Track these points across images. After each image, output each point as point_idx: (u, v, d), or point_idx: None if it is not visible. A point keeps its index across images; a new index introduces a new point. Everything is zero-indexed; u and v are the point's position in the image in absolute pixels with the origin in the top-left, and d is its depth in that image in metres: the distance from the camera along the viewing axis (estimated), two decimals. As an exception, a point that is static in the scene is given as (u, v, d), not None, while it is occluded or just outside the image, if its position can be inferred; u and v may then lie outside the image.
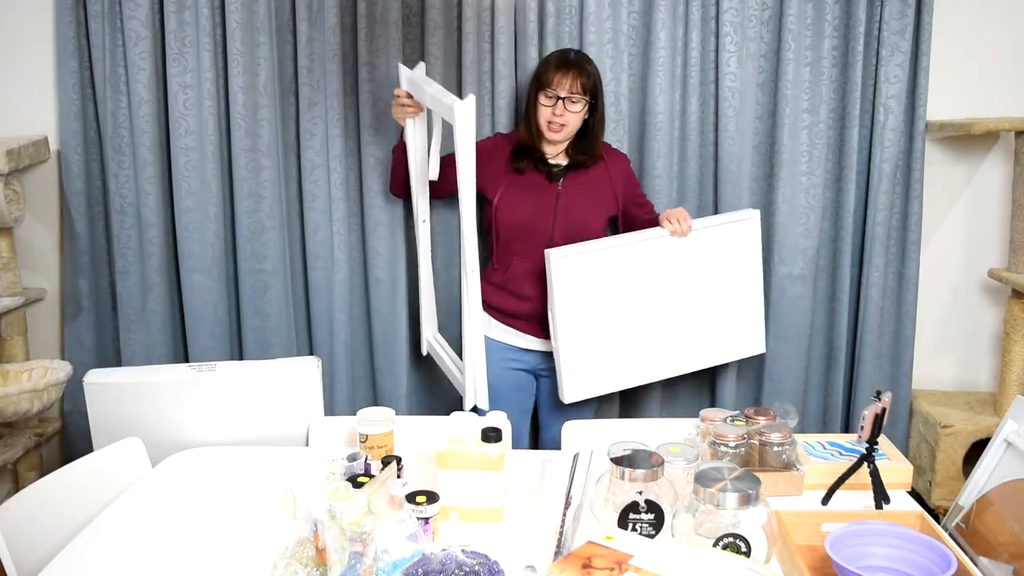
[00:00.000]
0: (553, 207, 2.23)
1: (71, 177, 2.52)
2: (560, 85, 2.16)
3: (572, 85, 2.16)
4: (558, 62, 2.19)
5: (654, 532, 1.37)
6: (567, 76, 2.16)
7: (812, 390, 2.65)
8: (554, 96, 2.16)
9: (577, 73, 2.17)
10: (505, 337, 2.32)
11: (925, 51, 2.44)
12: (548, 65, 2.20)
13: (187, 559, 1.40)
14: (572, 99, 2.17)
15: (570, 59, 2.20)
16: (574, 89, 2.16)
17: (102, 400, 1.87)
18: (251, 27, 2.40)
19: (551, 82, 2.16)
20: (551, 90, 2.16)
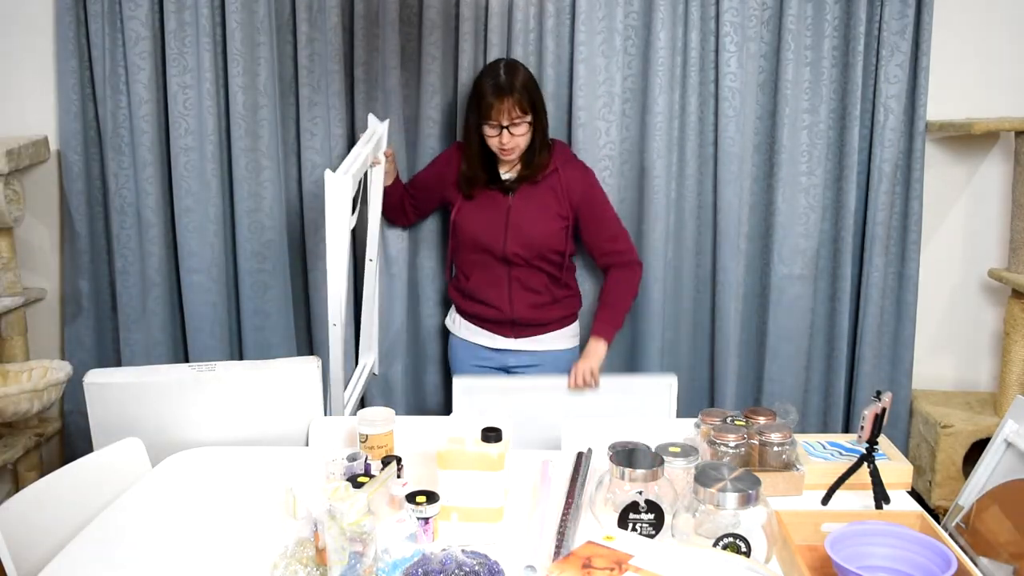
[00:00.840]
0: (504, 221, 2.25)
1: (71, 177, 2.52)
2: (500, 113, 2.13)
3: (512, 111, 2.13)
4: (493, 89, 2.13)
5: (654, 532, 1.37)
6: (504, 103, 2.12)
7: (812, 390, 2.65)
8: (498, 126, 2.14)
9: (515, 99, 2.13)
10: (475, 337, 2.38)
11: (925, 51, 2.44)
12: (484, 94, 2.15)
13: (187, 559, 1.40)
14: (515, 124, 2.15)
15: (502, 84, 2.13)
16: (514, 115, 2.13)
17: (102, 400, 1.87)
18: (251, 27, 2.40)
19: (490, 113, 2.13)
20: (493, 121, 2.14)
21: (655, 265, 2.51)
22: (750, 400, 2.67)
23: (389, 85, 2.45)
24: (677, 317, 2.62)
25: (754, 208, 2.58)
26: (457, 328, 2.43)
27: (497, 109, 2.13)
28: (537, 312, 2.31)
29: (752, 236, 2.59)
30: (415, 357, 2.64)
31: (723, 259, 2.54)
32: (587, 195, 2.30)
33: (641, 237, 2.52)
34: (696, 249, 2.59)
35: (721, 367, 2.60)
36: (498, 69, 2.18)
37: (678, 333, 2.64)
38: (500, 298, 2.31)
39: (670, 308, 2.60)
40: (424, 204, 2.45)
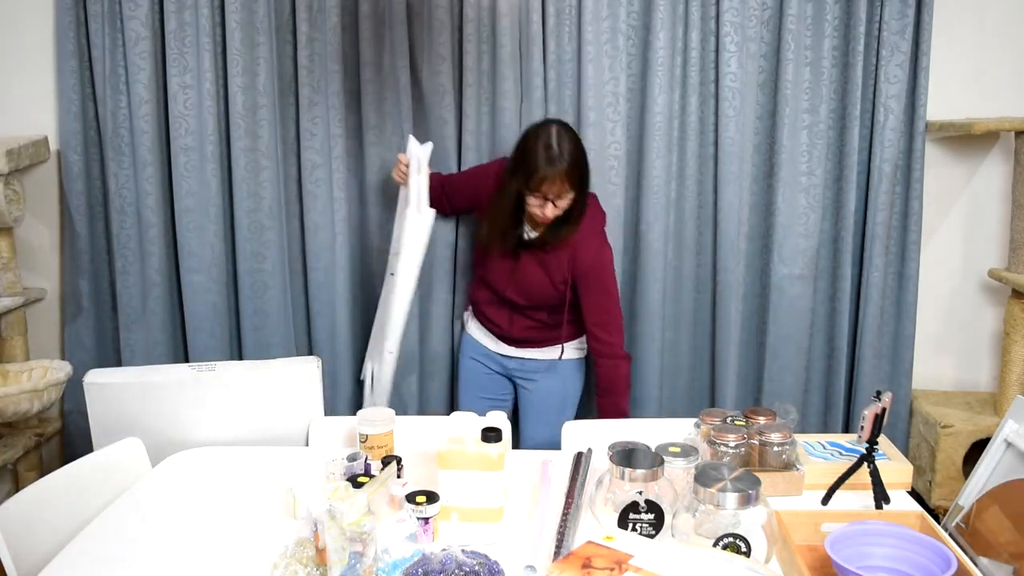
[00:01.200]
0: (509, 271, 2.24)
1: (71, 177, 2.52)
2: (549, 189, 2.04)
3: (561, 187, 2.05)
4: (546, 165, 2.02)
5: (654, 532, 1.37)
6: (556, 178, 2.03)
7: (812, 390, 2.65)
8: (543, 198, 2.07)
9: (565, 175, 2.03)
10: (482, 338, 2.39)
11: (925, 51, 2.44)
12: (536, 165, 2.03)
13: (187, 559, 1.40)
14: (560, 197, 2.07)
15: (555, 159, 2.02)
16: (563, 190, 2.06)
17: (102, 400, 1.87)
18: (251, 27, 2.40)
19: (539, 187, 2.04)
20: (539, 192, 2.05)
21: (655, 265, 2.51)
22: (750, 400, 2.67)
23: (400, 85, 2.45)
24: (677, 317, 2.62)
25: (754, 208, 2.58)
26: (468, 325, 2.46)
27: (548, 183, 2.03)
28: (538, 333, 2.32)
29: (752, 236, 2.59)
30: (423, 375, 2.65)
31: (723, 259, 2.54)
32: (591, 274, 2.20)
33: (641, 237, 2.52)
34: (696, 249, 2.59)
35: (721, 367, 2.60)
36: (550, 137, 2.04)
37: (678, 333, 2.64)
38: (501, 318, 2.33)
39: (670, 308, 2.60)
40: (457, 203, 2.40)
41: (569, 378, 2.37)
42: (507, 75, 2.44)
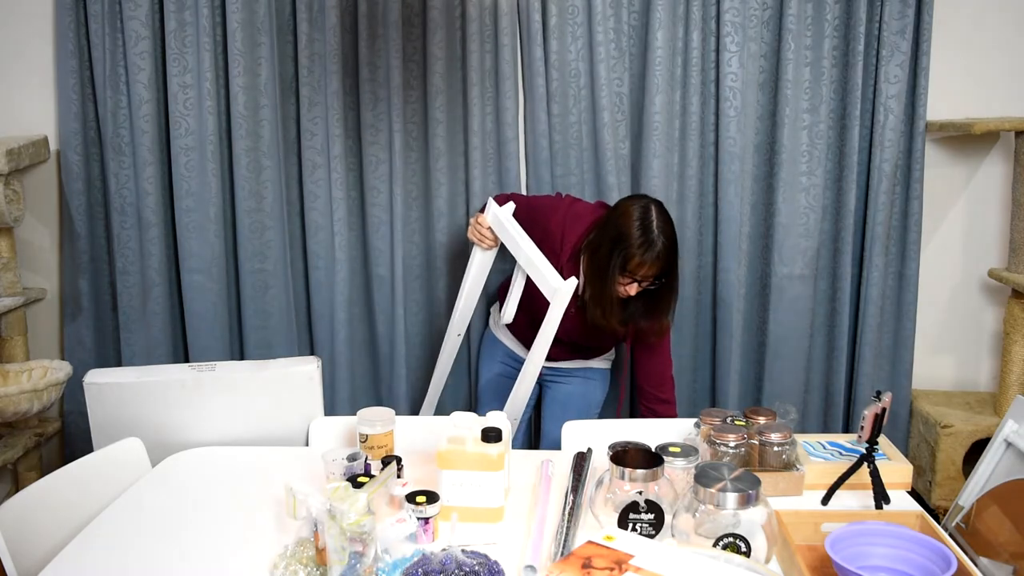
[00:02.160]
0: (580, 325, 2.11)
1: (71, 177, 2.52)
2: (643, 273, 1.98)
3: (656, 270, 1.99)
4: (646, 248, 1.94)
5: (654, 532, 1.37)
6: (654, 266, 1.97)
7: (812, 390, 2.65)
8: (632, 278, 2.00)
9: (662, 264, 1.97)
10: (509, 343, 2.35)
11: (925, 51, 2.44)
12: (633, 251, 1.95)
13: (187, 559, 1.40)
14: (648, 279, 2.01)
15: (656, 245, 1.95)
16: (655, 274, 2.00)
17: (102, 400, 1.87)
18: (251, 27, 2.40)
19: (636, 269, 1.97)
20: (634, 273, 2.00)
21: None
22: (750, 400, 2.67)
23: (393, 85, 2.45)
24: (677, 317, 2.62)
25: (754, 208, 2.58)
26: (495, 326, 2.38)
27: (645, 271, 1.97)
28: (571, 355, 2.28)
29: (752, 236, 2.59)
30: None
31: (724, 259, 2.54)
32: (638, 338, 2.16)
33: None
34: (697, 249, 2.59)
35: (721, 367, 2.60)
36: (651, 221, 1.96)
37: (678, 333, 2.63)
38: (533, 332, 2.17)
39: (670, 308, 2.60)
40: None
41: (598, 383, 2.35)
42: (508, 74, 2.45)
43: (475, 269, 2.25)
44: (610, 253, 1.98)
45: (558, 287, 2.01)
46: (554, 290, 2.02)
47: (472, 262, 2.25)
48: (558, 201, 2.20)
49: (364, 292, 2.62)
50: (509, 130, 2.48)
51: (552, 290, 2.03)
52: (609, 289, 2.01)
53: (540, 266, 2.05)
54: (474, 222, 2.18)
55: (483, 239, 2.17)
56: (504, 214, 2.13)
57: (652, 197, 2.05)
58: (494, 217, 2.14)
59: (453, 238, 2.57)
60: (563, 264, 2.10)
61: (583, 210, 2.15)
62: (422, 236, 2.59)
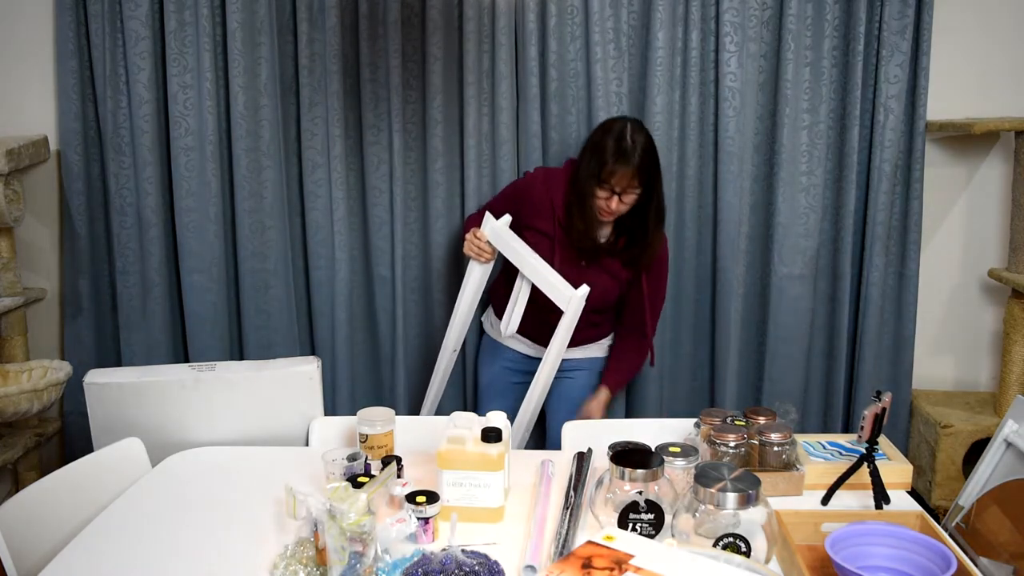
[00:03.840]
0: (575, 278, 2.11)
1: (71, 177, 2.52)
2: (619, 182, 2.02)
3: (629, 180, 2.02)
4: (617, 155, 2.01)
5: (654, 532, 1.37)
6: (627, 172, 2.01)
7: (812, 390, 2.65)
8: (610, 189, 2.04)
9: (637, 169, 2.01)
10: (510, 342, 2.33)
11: (925, 51, 2.44)
12: (606, 155, 2.02)
13: (187, 559, 1.40)
14: (627, 192, 2.05)
15: (628, 150, 2.01)
16: (631, 184, 2.03)
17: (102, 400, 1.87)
18: (251, 27, 2.40)
19: (610, 178, 2.02)
20: (607, 184, 2.03)
21: (655, 265, 2.51)
22: (750, 400, 2.67)
23: (392, 84, 2.45)
24: (677, 317, 2.62)
25: (754, 208, 2.58)
26: (491, 329, 2.39)
27: (618, 177, 2.01)
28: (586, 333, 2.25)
29: (752, 236, 2.59)
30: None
31: (723, 259, 2.54)
32: (659, 267, 2.22)
33: (641, 237, 2.52)
34: (696, 249, 2.59)
35: (721, 367, 2.60)
36: (625, 133, 2.04)
37: (678, 333, 2.64)
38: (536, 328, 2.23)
39: (670, 308, 2.60)
40: None
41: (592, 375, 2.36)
42: (505, 74, 2.44)
43: (473, 284, 2.26)
44: (587, 165, 2.06)
45: (571, 295, 2.04)
46: (567, 299, 2.05)
47: (469, 277, 2.26)
48: (530, 176, 2.27)
49: (364, 292, 2.62)
50: (505, 130, 2.48)
51: (565, 299, 2.06)
52: (588, 201, 2.07)
53: (547, 275, 2.07)
54: (471, 237, 2.18)
55: (482, 253, 2.18)
56: (502, 227, 2.14)
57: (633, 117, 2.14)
58: (492, 231, 2.15)
59: (451, 239, 2.57)
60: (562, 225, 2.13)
61: (557, 171, 2.22)
62: (421, 236, 2.59)
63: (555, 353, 2.12)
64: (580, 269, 2.15)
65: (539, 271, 2.09)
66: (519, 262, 2.12)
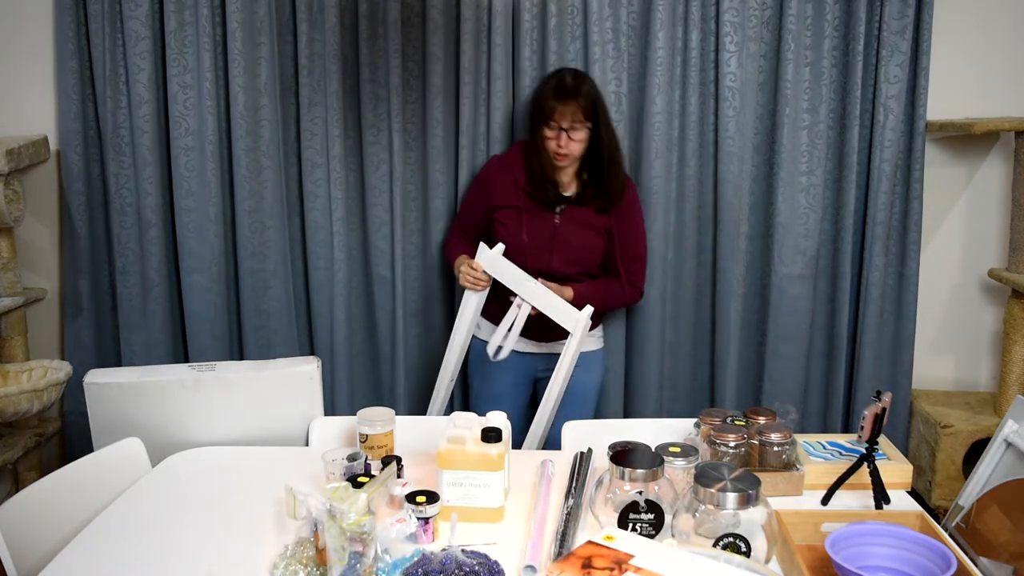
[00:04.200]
0: (550, 239, 2.21)
1: (71, 177, 2.52)
2: (562, 116, 2.11)
3: (573, 115, 2.11)
4: (556, 92, 2.13)
5: (654, 532, 1.37)
6: (568, 106, 2.11)
7: (812, 390, 2.65)
8: (557, 127, 2.13)
9: (577, 103, 2.11)
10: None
11: (925, 51, 2.44)
12: (546, 95, 2.14)
13: (187, 559, 1.40)
14: (574, 128, 2.13)
15: (567, 87, 2.13)
16: (576, 119, 2.12)
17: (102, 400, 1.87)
18: (251, 27, 2.40)
19: (552, 114, 2.11)
20: (553, 122, 2.12)
21: (655, 265, 2.51)
22: (750, 400, 2.67)
23: (392, 84, 2.45)
24: (677, 317, 2.62)
25: (754, 208, 2.58)
26: (484, 334, 2.36)
27: (560, 112, 2.10)
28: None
29: (752, 236, 2.59)
30: None
31: (723, 259, 2.54)
32: (628, 211, 2.27)
33: (641, 237, 2.52)
34: (696, 249, 2.59)
35: (721, 367, 2.60)
36: (564, 74, 2.19)
37: (678, 333, 2.64)
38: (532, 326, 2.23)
39: (670, 308, 2.60)
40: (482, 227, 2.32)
41: (595, 369, 2.37)
42: (499, 74, 2.44)
43: (470, 312, 2.27)
44: (535, 111, 2.17)
45: (577, 316, 2.09)
46: (574, 319, 2.09)
47: (466, 306, 2.26)
48: (485, 165, 2.37)
49: (364, 292, 2.62)
50: (499, 131, 2.48)
51: (572, 319, 2.09)
52: (541, 144, 2.16)
53: (548, 298, 2.11)
54: (467, 270, 2.19)
55: (478, 282, 2.19)
56: (496, 255, 2.17)
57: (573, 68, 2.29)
58: (488, 260, 2.17)
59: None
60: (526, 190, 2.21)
61: (510, 151, 2.32)
62: (420, 236, 2.59)
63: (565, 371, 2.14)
64: (555, 228, 2.20)
65: (538, 294, 2.12)
66: (517, 287, 2.14)
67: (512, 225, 2.21)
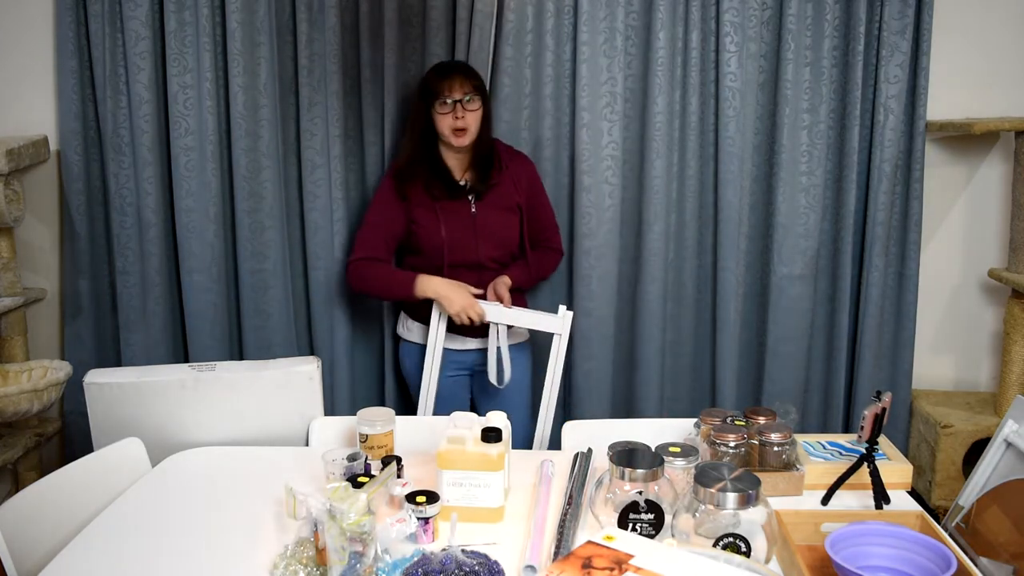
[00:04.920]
0: (472, 228, 2.25)
1: (71, 177, 2.52)
2: (452, 89, 2.16)
3: (464, 86, 2.17)
4: (442, 69, 2.20)
5: (654, 532, 1.37)
6: (455, 79, 2.17)
7: (812, 390, 2.65)
8: (451, 101, 2.16)
9: (464, 76, 2.18)
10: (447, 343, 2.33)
11: (925, 51, 2.44)
12: (432, 76, 2.20)
13: (187, 559, 1.40)
14: (470, 99, 2.18)
15: (449, 64, 2.23)
16: (467, 89, 2.17)
17: (102, 400, 1.87)
18: (251, 27, 2.40)
19: (443, 89, 2.16)
20: (445, 96, 2.16)
21: (655, 265, 2.51)
22: (750, 400, 2.67)
23: (392, 85, 2.45)
24: (677, 317, 2.62)
25: (754, 208, 2.58)
26: (416, 335, 2.36)
27: (449, 86, 2.16)
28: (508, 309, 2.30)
29: (752, 236, 2.59)
30: None
31: (723, 259, 2.54)
32: (533, 187, 2.36)
33: (641, 236, 2.52)
34: (696, 249, 2.59)
35: (721, 367, 2.60)
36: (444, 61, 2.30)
37: (678, 333, 2.64)
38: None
39: (670, 308, 2.60)
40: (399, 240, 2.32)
41: (526, 363, 2.41)
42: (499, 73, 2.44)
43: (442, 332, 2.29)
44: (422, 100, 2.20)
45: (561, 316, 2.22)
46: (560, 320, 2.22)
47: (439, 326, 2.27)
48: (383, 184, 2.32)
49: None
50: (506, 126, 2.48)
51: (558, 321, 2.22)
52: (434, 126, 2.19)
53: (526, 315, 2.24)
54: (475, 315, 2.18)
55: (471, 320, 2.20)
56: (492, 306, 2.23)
57: None
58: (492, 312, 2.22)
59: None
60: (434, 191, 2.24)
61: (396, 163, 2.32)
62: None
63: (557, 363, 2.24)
64: (474, 218, 2.25)
65: (520, 317, 2.23)
66: (499, 319, 2.23)
67: (429, 224, 2.24)
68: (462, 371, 2.39)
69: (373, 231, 2.29)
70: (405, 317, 2.40)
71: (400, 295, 2.27)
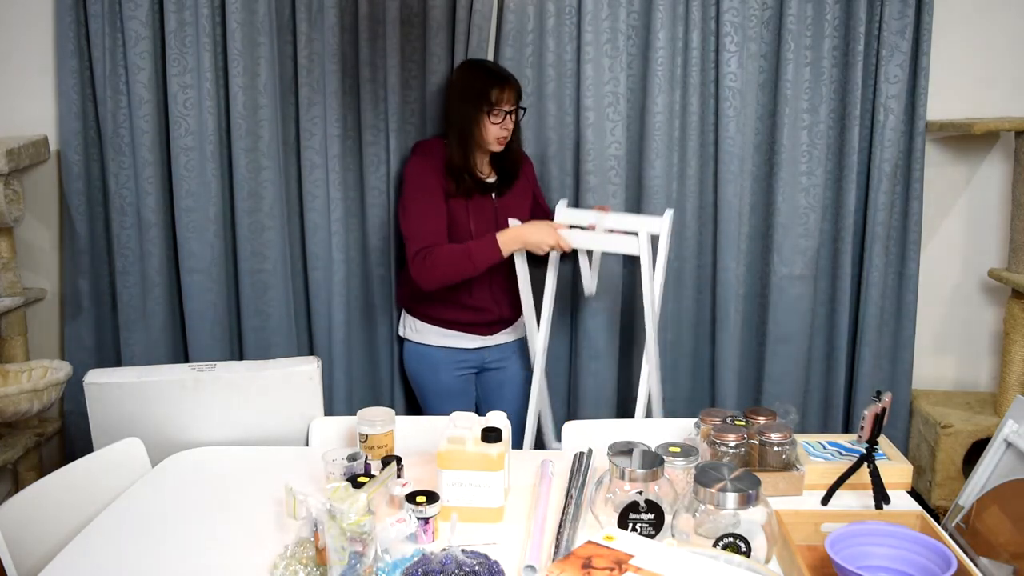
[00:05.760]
0: (494, 221, 2.27)
1: (71, 177, 2.52)
2: (507, 101, 2.19)
3: (511, 97, 2.20)
4: (495, 77, 2.20)
5: (654, 532, 1.37)
6: (507, 90, 2.19)
7: (812, 390, 2.65)
8: (501, 112, 2.18)
9: (512, 85, 2.21)
10: (448, 341, 2.35)
11: (925, 51, 2.44)
12: (488, 83, 2.18)
13: (187, 559, 1.40)
14: (514, 111, 2.22)
15: (501, 72, 2.23)
16: (513, 101, 2.21)
17: (102, 400, 1.87)
18: (251, 27, 2.40)
19: (499, 100, 2.18)
20: (502, 106, 2.18)
21: (655, 265, 2.52)
22: (750, 400, 2.67)
23: (392, 84, 2.45)
24: (677, 317, 2.62)
25: (754, 208, 2.58)
26: (423, 336, 2.37)
27: (505, 97, 2.18)
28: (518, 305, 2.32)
29: (752, 236, 2.59)
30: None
31: (723, 259, 2.54)
32: (534, 175, 2.45)
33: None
34: (697, 249, 2.59)
35: (721, 367, 2.60)
36: (485, 63, 2.30)
37: (678, 333, 2.64)
38: (484, 299, 2.31)
39: (670, 308, 2.60)
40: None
41: (522, 359, 2.43)
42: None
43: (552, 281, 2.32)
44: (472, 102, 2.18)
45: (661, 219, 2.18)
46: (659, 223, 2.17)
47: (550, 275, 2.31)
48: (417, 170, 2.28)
49: (363, 292, 2.62)
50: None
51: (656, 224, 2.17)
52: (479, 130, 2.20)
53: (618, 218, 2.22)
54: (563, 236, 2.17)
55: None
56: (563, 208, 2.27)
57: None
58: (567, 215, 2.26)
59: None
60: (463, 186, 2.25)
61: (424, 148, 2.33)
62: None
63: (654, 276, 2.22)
64: (495, 212, 2.28)
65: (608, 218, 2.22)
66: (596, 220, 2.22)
67: (460, 218, 2.26)
68: (469, 369, 2.39)
69: (425, 220, 2.21)
70: (409, 318, 2.41)
71: (484, 265, 2.16)
